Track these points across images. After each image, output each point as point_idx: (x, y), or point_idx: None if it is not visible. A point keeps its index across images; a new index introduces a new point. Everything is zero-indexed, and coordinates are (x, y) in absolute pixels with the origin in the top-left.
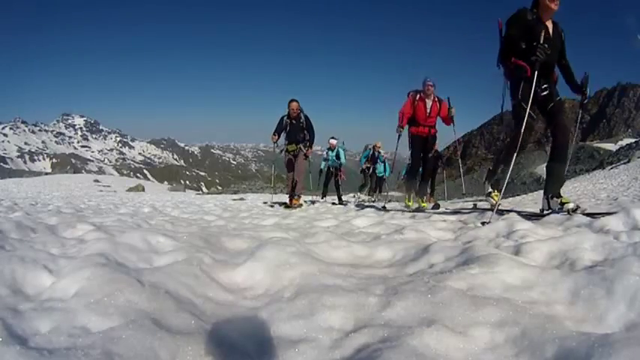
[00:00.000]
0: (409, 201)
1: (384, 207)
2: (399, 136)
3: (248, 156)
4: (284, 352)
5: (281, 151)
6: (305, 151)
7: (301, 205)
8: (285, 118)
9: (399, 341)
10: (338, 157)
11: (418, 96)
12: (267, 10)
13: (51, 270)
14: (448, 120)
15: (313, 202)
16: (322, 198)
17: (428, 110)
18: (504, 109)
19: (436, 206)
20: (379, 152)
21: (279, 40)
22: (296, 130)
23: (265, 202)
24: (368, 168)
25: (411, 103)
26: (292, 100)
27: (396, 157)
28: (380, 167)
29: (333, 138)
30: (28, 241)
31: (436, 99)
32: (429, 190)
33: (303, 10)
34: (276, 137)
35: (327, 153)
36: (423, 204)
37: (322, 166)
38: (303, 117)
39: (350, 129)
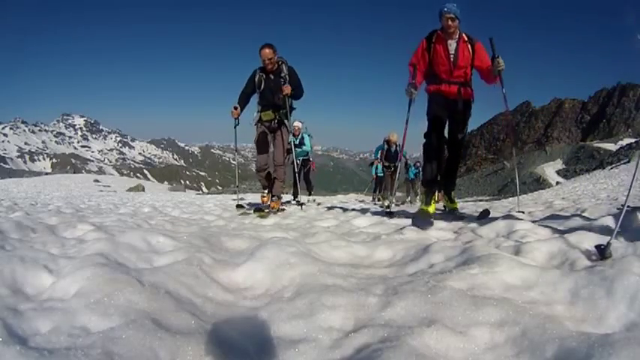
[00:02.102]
0: (427, 204)
1: (389, 212)
2: (411, 101)
3: (248, 156)
4: (284, 352)
5: (256, 122)
6: (287, 123)
7: (283, 209)
8: (258, 71)
9: (399, 341)
10: (302, 144)
11: (434, 36)
12: (268, 10)
13: (51, 270)
14: (490, 74)
15: (288, 202)
16: (294, 198)
17: (452, 56)
18: None
19: (456, 213)
20: (396, 146)
21: (280, 40)
22: (274, 88)
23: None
24: (389, 167)
25: (424, 49)
26: (264, 46)
27: (406, 134)
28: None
29: (297, 121)
30: (28, 241)
31: (465, 38)
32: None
33: (305, 9)
34: (238, 112)
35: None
36: (431, 206)
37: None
38: (285, 69)
39: (354, 131)
